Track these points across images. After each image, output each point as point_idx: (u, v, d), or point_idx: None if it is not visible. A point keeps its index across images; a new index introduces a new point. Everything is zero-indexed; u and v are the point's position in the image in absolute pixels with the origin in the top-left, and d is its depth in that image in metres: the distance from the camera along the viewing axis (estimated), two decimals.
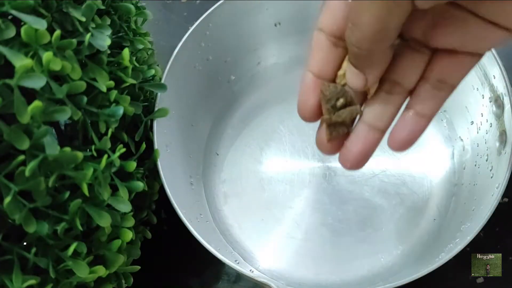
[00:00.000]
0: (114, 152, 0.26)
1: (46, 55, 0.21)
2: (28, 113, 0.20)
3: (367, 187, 0.39)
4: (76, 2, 0.25)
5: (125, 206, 0.27)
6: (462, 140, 0.39)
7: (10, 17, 0.21)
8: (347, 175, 0.39)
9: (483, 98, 0.36)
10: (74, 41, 0.23)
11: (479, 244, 0.33)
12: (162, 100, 0.35)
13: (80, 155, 0.23)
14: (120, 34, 0.31)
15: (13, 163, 0.21)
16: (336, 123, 0.22)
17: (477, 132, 0.37)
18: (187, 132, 0.39)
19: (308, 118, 0.23)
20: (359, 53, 0.19)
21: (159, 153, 0.33)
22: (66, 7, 0.24)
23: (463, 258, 0.33)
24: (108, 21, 0.28)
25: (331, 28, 0.21)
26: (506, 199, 0.38)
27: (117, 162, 0.26)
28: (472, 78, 0.36)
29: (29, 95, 0.21)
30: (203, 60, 0.40)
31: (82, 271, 0.25)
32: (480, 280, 0.36)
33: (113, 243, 0.27)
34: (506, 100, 0.33)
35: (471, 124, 0.38)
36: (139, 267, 0.30)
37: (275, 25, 0.43)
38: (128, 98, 0.28)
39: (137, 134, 0.32)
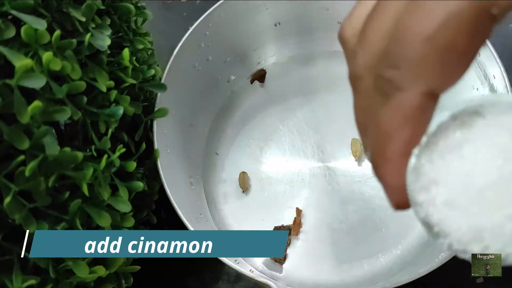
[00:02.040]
0: (114, 152, 0.26)
1: (46, 55, 0.21)
2: (28, 113, 0.20)
3: (367, 187, 0.39)
4: (76, 2, 0.25)
5: (125, 206, 0.27)
6: None
7: (10, 17, 0.21)
8: (346, 175, 0.39)
9: None
10: (74, 41, 0.23)
11: None
12: (162, 100, 0.35)
13: (80, 155, 0.23)
14: (120, 34, 0.31)
15: (13, 163, 0.21)
16: None
17: None
18: (187, 132, 0.39)
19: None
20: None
21: (159, 153, 0.33)
22: (66, 7, 0.24)
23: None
24: (108, 21, 0.28)
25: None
26: None
27: (117, 162, 0.26)
28: (472, 78, 0.36)
29: (29, 95, 0.21)
30: (203, 60, 0.40)
31: (82, 271, 0.25)
32: (480, 280, 0.36)
33: None
34: None
35: None
36: (139, 267, 0.30)
37: (275, 25, 0.43)
38: (128, 98, 0.28)
39: (137, 134, 0.32)
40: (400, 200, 0.17)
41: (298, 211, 0.38)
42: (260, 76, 0.44)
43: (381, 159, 0.17)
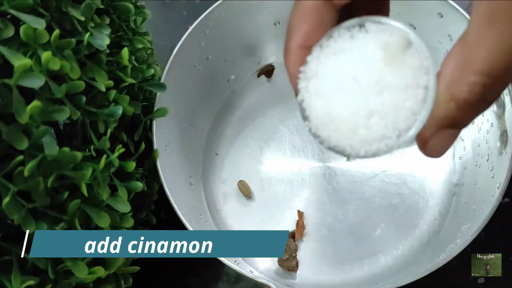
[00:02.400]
0: (113, 152, 0.26)
1: (45, 55, 0.21)
2: (27, 113, 0.20)
3: (367, 187, 0.39)
4: (75, 2, 0.25)
5: (124, 207, 0.26)
6: (463, 140, 0.39)
7: (9, 16, 0.21)
8: (347, 175, 0.39)
9: None
10: (73, 40, 0.23)
11: (479, 244, 0.33)
12: (161, 99, 0.34)
13: (79, 155, 0.23)
14: (119, 33, 0.31)
15: (12, 163, 0.21)
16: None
17: (478, 132, 0.37)
18: (187, 132, 0.39)
19: None
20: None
21: (158, 153, 0.33)
22: (65, 7, 0.24)
23: (464, 258, 0.33)
24: (107, 21, 0.28)
25: None
26: (507, 199, 0.38)
27: (116, 162, 0.26)
28: None
29: (28, 94, 0.21)
30: (203, 60, 0.40)
31: (81, 272, 0.25)
32: (480, 280, 0.36)
33: None
34: (507, 100, 0.33)
35: (472, 124, 0.37)
36: (138, 268, 0.30)
37: (275, 24, 0.43)
38: (127, 97, 0.28)
39: (136, 134, 0.32)
40: (294, 87, 0.20)
41: (300, 214, 0.38)
42: (267, 72, 0.44)
43: (285, 49, 0.20)
